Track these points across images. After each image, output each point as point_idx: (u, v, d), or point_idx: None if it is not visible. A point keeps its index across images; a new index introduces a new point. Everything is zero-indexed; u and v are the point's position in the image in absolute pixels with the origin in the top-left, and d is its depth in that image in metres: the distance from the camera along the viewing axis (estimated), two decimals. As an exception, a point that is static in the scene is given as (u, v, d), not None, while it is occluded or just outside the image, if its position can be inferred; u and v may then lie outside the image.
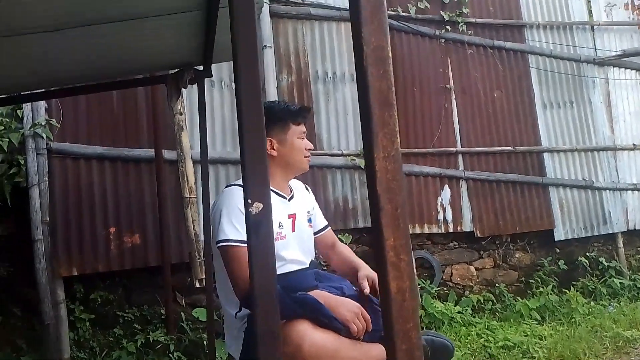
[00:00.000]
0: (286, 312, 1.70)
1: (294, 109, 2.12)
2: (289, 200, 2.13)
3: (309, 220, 2.21)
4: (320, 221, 2.30)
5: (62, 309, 3.23)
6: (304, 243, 2.12)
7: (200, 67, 2.59)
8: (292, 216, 2.09)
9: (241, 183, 1.96)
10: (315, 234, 2.25)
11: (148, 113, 3.59)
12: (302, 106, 2.20)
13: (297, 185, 2.27)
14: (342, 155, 4.29)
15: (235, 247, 1.86)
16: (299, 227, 2.10)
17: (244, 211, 1.88)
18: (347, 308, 1.81)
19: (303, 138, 2.11)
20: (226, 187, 2.10)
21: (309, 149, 2.13)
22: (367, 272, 2.04)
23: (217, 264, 2.04)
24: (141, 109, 3.61)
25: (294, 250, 2.04)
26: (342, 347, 1.77)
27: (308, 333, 1.71)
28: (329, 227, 2.32)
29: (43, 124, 3.22)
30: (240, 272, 1.84)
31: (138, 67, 2.72)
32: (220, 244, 1.91)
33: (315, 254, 2.28)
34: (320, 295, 1.83)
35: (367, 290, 1.95)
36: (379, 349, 1.83)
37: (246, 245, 1.91)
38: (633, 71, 5.81)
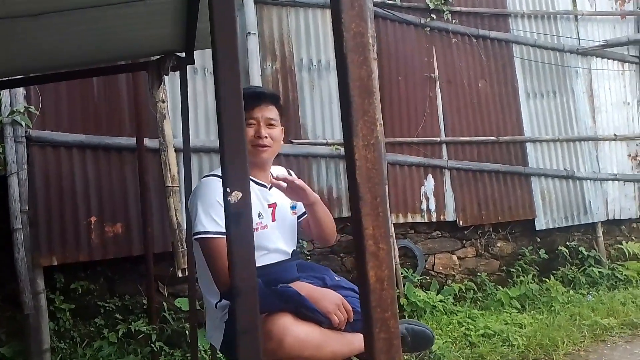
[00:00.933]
0: (267, 305, 1.69)
1: (245, 93, 2.03)
2: (270, 189, 2.08)
3: (293, 207, 2.17)
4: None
5: (42, 299, 3.19)
6: (285, 232, 2.09)
7: (183, 54, 2.55)
8: (272, 205, 2.06)
9: (219, 173, 1.94)
10: (299, 217, 2.21)
11: (130, 101, 3.54)
12: (252, 91, 2.08)
13: (279, 171, 2.21)
14: (326, 144, 4.28)
15: (213, 239, 1.85)
16: (280, 216, 2.07)
17: (221, 203, 1.87)
18: (329, 299, 1.81)
19: (253, 125, 1.98)
20: (203, 177, 2.06)
21: (260, 137, 1.98)
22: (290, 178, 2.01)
23: (197, 254, 2.02)
24: (123, 97, 3.56)
25: (275, 240, 2.02)
26: (325, 339, 1.77)
27: (290, 327, 1.71)
28: None
29: (22, 111, 3.16)
30: (219, 264, 1.82)
31: (119, 53, 2.67)
32: (198, 236, 1.89)
33: (299, 241, 2.25)
34: (301, 287, 1.82)
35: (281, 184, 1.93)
36: (361, 339, 1.83)
37: (224, 237, 1.90)
38: (615, 61, 5.87)
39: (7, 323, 3.27)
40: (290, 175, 2.25)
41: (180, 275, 3.30)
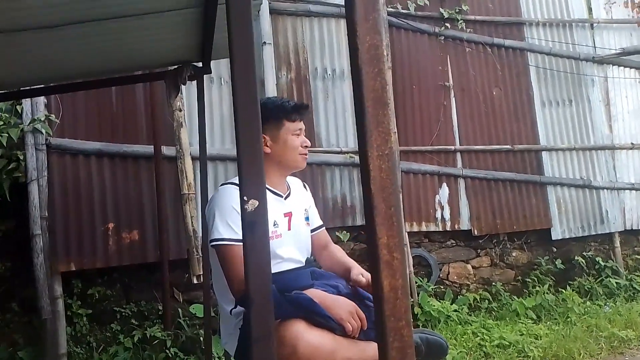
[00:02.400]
0: (280, 312, 1.70)
1: (289, 105, 2.09)
2: (285, 198, 2.12)
3: (306, 219, 2.20)
4: (316, 220, 2.29)
5: (60, 304, 3.24)
6: (300, 241, 2.12)
7: (200, 64, 2.59)
8: (288, 215, 2.08)
9: (236, 182, 1.99)
10: (312, 230, 2.24)
11: (147, 109, 3.59)
12: (298, 103, 2.17)
13: (294, 182, 2.25)
14: (340, 152, 4.30)
15: (229, 246, 1.87)
16: (295, 226, 2.10)
17: (238, 210, 1.92)
18: (343, 307, 1.81)
19: (299, 135, 2.07)
20: (221, 185, 2.10)
21: (306, 146, 2.09)
22: (361, 270, 2.05)
23: (213, 261, 2.04)
24: (140, 105, 3.61)
25: (289, 248, 2.04)
26: (338, 346, 1.77)
27: (303, 333, 1.71)
28: (324, 227, 2.32)
29: (42, 119, 3.22)
30: (234, 271, 1.84)
31: (137, 63, 2.72)
32: (214, 243, 1.91)
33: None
34: (315, 294, 1.82)
35: (363, 281, 1.95)
36: (374, 348, 1.83)
37: (241, 244, 1.93)
38: (632, 69, 5.81)
39: (24, 327, 3.32)
40: (305, 188, 2.30)
41: (195, 281, 3.32)
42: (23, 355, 3.18)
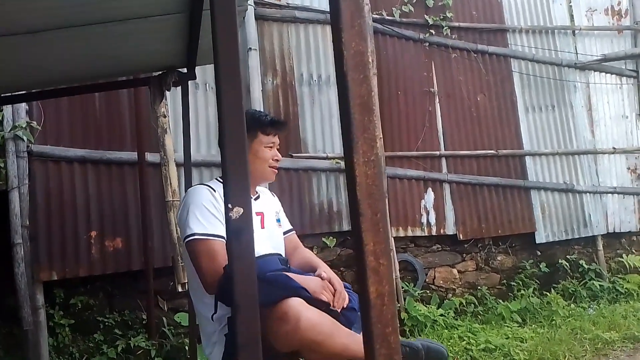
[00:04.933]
0: (269, 296, 1.70)
1: (265, 119, 2.16)
2: (255, 199, 2.19)
3: (278, 220, 2.27)
4: (286, 224, 2.35)
5: (42, 314, 3.18)
6: (273, 239, 2.17)
7: (185, 70, 2.58)
8: (260, 214, 2.14)
9: (207, 183, 2.14)
10: (284, 233, 2.30)
11: (131, 115, 3.56)
12: (275, 118, 2.24)
13: (262, 190, 2.34)
14: (326, 158, 4.29)
15: (201, 240, 1.89)
16: (268, 225, 2.16)
17: (208, 207, 1.95)
18: (314, 282, 1.89)
19: (271, 148, 2.14)
20: (190, 188, 2.17)
21: (277, 160, 2.16)
22: (325, 269, 2.08)
23: (187, 261, 2.04)
24: (124, 112, 3.58)
25: (264, 245, 2.06)
26: (337, 330, 1.79)
27: (304, 310, 1.74)
28: (294, 231, 2.38)
29: (24, 126, 3.17)
30: (205, 263, 1.86)
31: (121, 69, 2.70)
32: (186, 239, 1.93)
33: None
34: (289, 274, 1.88)
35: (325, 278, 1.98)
36: None
37: (212, 238, 1.96)
38: (613, 75, 5.90)
39: (5, 338, 3.26)
40: (273, 195, 2.38)
41: (180, 290, 3.28)
42: (4, 366, 3.12)
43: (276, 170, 2.19)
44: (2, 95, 2.82)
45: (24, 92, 2.90)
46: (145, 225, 3.45)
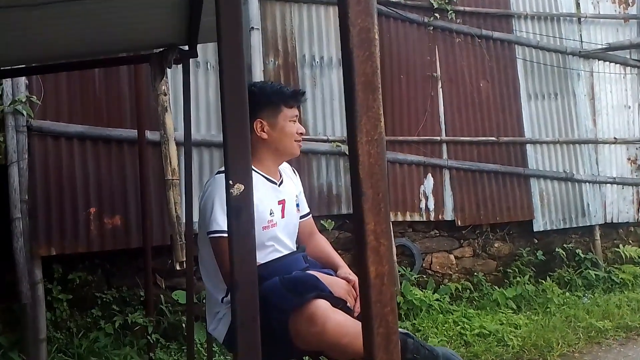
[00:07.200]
0: (290, 301, 1.73)
1: (288, 91, 2.06)
2: (279, 185, 2.10)
3: (297, 205, 2.19)
4: (305, 207, 2.28)
5: (40, 289, 3.19)
6: (290, 228, 2.12)
7: (186, 47, 2.55)
8: (282, 202, 2.08)
9: None
10: (301, 217, 2.23)
11: (131, 93, 3.53)
12: (296, 89, 2.14)
13: (285, 168, 2.23)
14: (327, 141, 4.28)
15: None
16: (287, 213, 2.09)
17: None
18: (340, 285, 1.90)
19: (295, 122, 2.05)
20: (217, 173, 2.06)
21: (301, 133, 2.08)
22: (348, 271, 2.07)
23: (205, 250, 2.01)
24: (124, 88, 3.55)
25: (283, 237, 2.04)
26: (361, 331, 1.79)
27: (331, 312, 1.76)
28: (310, 215, 2.31)
29: (23, 100, 3.15)
30: None
31: (121, 45, 2.67)
32: (213, 235, 1.89)
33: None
34: (315, 274, 1.88)
35: (352, 281, 1.97)
36: None
37: None
38: (617, 65, 5.86)
39: (3, 313, 3.27)
40: (295, 173, 2.29)
41: (178, 268, 3.30)
42: (2, 340, 3.14)
43: (301, 144, 2.10)
44: (2, 68, 2.79)
45: (23, 66, 2.87)
46: (144, 204, 3.45)
